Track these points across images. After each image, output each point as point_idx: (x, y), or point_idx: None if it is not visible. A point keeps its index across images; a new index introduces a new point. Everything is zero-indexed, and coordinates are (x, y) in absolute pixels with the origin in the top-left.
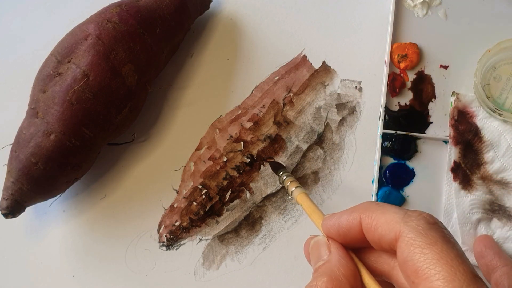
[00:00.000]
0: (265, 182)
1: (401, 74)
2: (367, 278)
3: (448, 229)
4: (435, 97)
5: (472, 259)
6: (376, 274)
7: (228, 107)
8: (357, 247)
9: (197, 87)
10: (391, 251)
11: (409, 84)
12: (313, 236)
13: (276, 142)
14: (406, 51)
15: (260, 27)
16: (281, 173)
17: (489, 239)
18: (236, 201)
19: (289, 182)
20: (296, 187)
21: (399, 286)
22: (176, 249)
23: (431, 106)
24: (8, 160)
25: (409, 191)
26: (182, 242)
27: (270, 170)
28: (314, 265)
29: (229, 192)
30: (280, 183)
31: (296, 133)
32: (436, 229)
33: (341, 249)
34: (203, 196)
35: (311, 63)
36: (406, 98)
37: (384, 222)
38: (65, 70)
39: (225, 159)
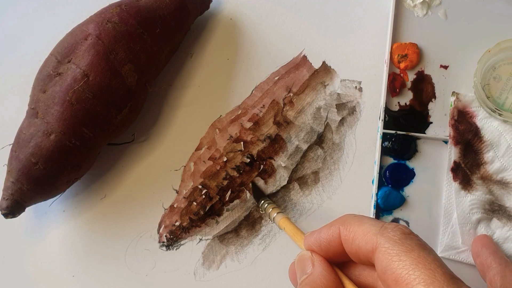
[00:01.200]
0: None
1: (401, 74)
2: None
3: (448, 229)
4: (435, 97)
5: (471, 259)
6: (361, 286)
7: (228, 107)
8: (340, 261)
9: (197, 87)
10: (369, 263)
11: (409, 84)
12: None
13: (276, 142)
14: (406, 51)
15: (260, 27)
16: (262, 201)
17: (487, 239)
18: (236, 201)
19: (270, 209)
20: (277, 213)
21: None
22: (176, 249)
23: (431, 106)
24: (8, 160)
25: (409, 191)
26: (182, 242)
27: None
28: (299, 279)
29: (229, 192)
30: (261, 210)
31: (296, 133)
32: (412, 238)
33: (323, 262)
34: (203, 196)
35: (311, 63)
36: (406, 98)
37: (361, 234)
38: (65, 70)
39: (225, 159)
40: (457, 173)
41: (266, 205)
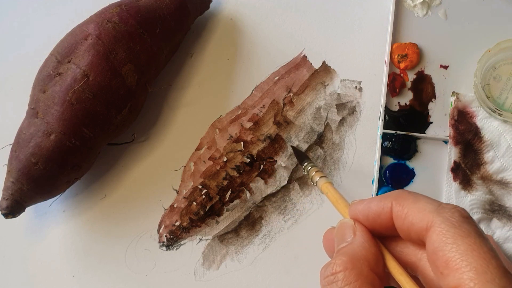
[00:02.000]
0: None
1: (401, 74)
2: (392, 264)
3: None
4: (435, 97)
5: None
6: (402, 265)
7: (228, 107)
8: (384, 235)
9: (197, 87)
10: (419, 242)
11: (409, 84)
12: (332, 228)
13: (276, 142)
14: (406, 51)
15: (260, 27)
16: (305, 163)
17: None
18: (236, 201)
19: (314, 172)
20: (320, 177)
21: (424, 279)
22: (176, 249)
23: (431, 106)
24: (8, 160)
25: None
26: (182, 242)
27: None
28: (337, 247)
29: (229, 192)
30: (304, 173)
31: (296, 133)
32: (470, 222)
33: (366, 233)
34: (203, 196)
35: (311, 63)
36: (406, 98)
37: (416, 211)
38: (65, 70)
39: (225, 159)
40: (457, 173)
41: (309, 167)
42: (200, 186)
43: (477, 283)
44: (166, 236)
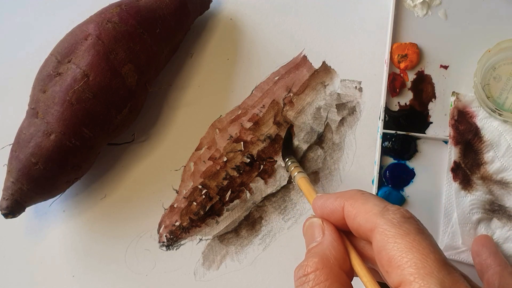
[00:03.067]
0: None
1: (401, 74)
2: (356, 261)
3: (448, 229)
4: (435, 97)
5: (471, 259)
6: (364, 259)
7: (228, 107)
8: (343, 230)
9: (197, 87)
10: (368, 241)
11: (409, 84)
12: (312, 217)
13: (276, 142)
14: (406, 51)
15: (260, 27)
16: (287, 159)
17: (487, 239)
18: (236, 201)
19: (292, 168)
20: (298, 172)
21: (381, 271)
22: (176, 249)
23: (431, 106)
24: (8, 160)
25: (409, 191)
26: (182, 242)
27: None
28: (308, 246)
29: (229, 192)
30: (286, 170)
31: (296, 133)
32: (411, 222)
33: (334, 232)
34: (203, 196)
35: (311, 63)
36: (406, 98)
37: (363, 212)
38: (65, 70)
39: (225, 159)
40: (457, 173)
41: (289, 163)
42: (200, 186)
43: (416, 277)
44: (166, 236)
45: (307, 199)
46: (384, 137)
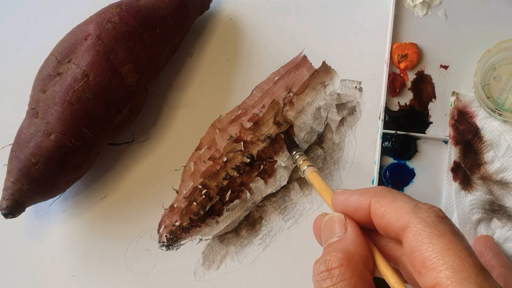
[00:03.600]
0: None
1: (401, 74)
2: (381, 261)
3: None
4: (435, 97)
5: None
6: (386, 258)
7: (228, 107)
8: (365, 228)
9: (197, 87)
10: (396, 239)
11: (409, 84)
12: (325, 214)
13: (276, 142)
14: (406, 51)
15: (260, 27)
16: (293, 152)
17: (489, 239)
18: (236, 201)
19: (301, 161)
20: (308, 166)
21: (406, 274)
22: (176, 249)
23: (431, 106)
24: (8, 160)
25: (409, 191)
26: (182, 242)
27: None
28: (326, 241)
29: (229, 192)
30: (293, 162)
31: (296, 133)
32: (445, 222)
33: (357, 229)
34: (203, 196)
35: (311, 63)
36: (406, 98)
37: (393, 210)
38: (65, 70)
39: (225, 159)
40: (457, 173)
41: (297, 156)
42: (200, 186)
43: (453, 281)
44: (166, 236)
45: (321, 195)
46: (384, 137)
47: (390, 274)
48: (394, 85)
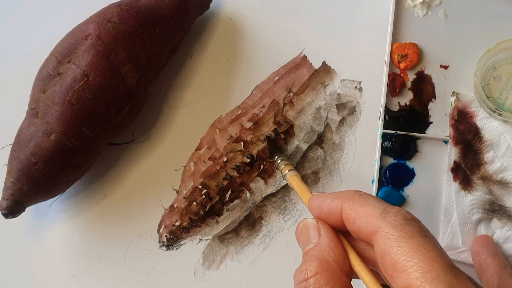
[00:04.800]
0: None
1: (401, 74)
2: (356, 261)
3: (448, 229)
4: (435, 97)
5: (471, 259)
6: (365, 261)
7: (228, 107)
8: (342, 231)
9: (197, 87)
10: (369, 244)
11: (409, 84)
12: (304, 219)
13: (276, 142)
14: (406, 51)
15: (260, 27)
16: (276, 157)
17: (487, 239)
18: (236, 201)
19: (282, 166)
20: (289, 170)
21: (385, 276)
22: (176, 249)
23: (431, 106)
24: (8, 160)
25: (409, 191)
26: (182, 242)
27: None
28: (304, 248)
29: (229, 192)
30: (275, 167)
31: (296, 133)
32: (413, 224)
33: (330, 232)
34: (203, 196)
35: (311, 63)
36: (406, 98)
37: (363, 215)
38: (65, 70)
39: (225, 159)
40: (457, 173)
41: (279, 161)
42: (200, 186)
43: (423, 281)
44: (166, 236)
45: (301, 199)
46: (384, 137)
47: (364, 273)
48: (394, 85)
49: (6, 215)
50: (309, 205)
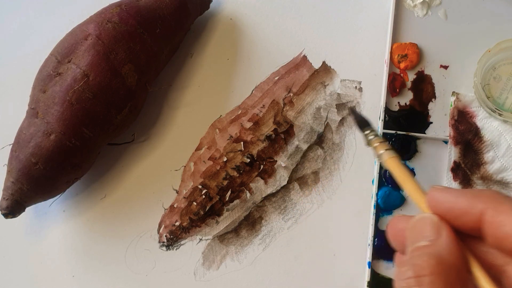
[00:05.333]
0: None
1: (401, 74)
2: (479, 273)
3: None
4: (435, 97)
5: None
6: (484, 266)
7: (228, 107)
8: (462, 232)
9: (197, 87)
10: (509, 252)
11: (409, 84)
12: (402, 216)
13: (276, 142)
14: (406, 51)
15: (260, 27)
16: (367, 132)
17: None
18: (236, 201)
19: (377, 143)
20: (386, 150)
21: (510, 285)
22: (176, 249)
23: (431, 106)
24: (8, 160)
25: None
26: (182, 242)
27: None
28: (413, 244)
29: (229, 192)
30: (365, 144)
31: (296, 133)
32: None
33: (453, 235)
34: (203, 196)
35: (311, 63)
36: (406, 98)
37: None
38: (65, 70)
39: (225, 159)
40: (457, 173)
41: (371, 137)
42: (200, 186)
43: None
44: (166, 236)
45: (404, 187)
46: (384, 137)
47: (486, 283)
48: (394, 85)
49: (6, 215)
50: (433, 197)
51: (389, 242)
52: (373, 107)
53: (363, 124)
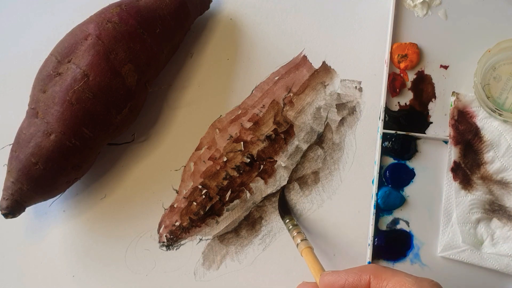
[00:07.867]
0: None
1: (401, 74)
2: None
3: (448, 229)
4: (435, 97)
5: (471, 258)
6: None
7: (228, 107)
8: None
9: (197, 87)
10: None
11: (409, 84)
12: (306, 283)
13: (276, 142)
14: (406, 51)
15: (260, 27)
16: (287, 220)
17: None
18: (236, 201)
19: (295, 233)
20: (302, 240)
21: None
22: (176, 249)
23: (431, 106)
24: (8, 160)
25: (409, 191)
26: (182, 242)
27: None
28: None
29: (229, 192)
30: (286, 228)
31: (296, 133)
32: None
33: None
34: (203, 196)
35: (311, 63)
36: (406, 98)
37: (397, 284)
38: (65, 70)
39: (225, 159)
40: (457, 173)
41: (290, 226)
42: (200, 186)
43: None
44: (166, 236)
45: (312, 272)
46: (384, 137)
47: None
48: (394, 85)
49: (6, 215)
50: (322, 281)
51: None
52: (373, 107)
53: (285, 212)
